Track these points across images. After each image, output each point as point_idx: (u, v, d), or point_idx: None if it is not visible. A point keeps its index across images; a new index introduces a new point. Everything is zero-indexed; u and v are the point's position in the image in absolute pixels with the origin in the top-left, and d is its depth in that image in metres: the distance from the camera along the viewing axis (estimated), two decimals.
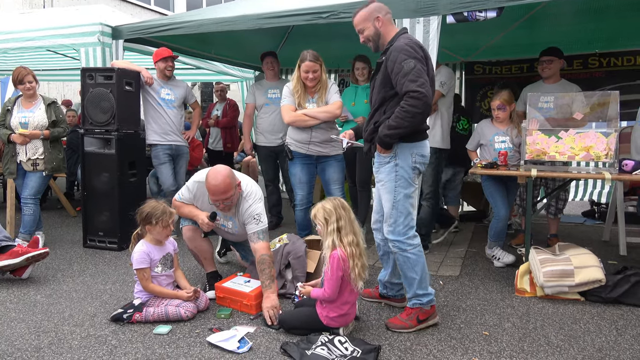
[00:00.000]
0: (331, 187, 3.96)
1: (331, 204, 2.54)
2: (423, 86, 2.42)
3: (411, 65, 2.44)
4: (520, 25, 4.82)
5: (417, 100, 2.42)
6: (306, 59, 3.64)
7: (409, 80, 2.43)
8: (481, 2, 3.21)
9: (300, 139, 3.83)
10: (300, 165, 3.91)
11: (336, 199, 2.60)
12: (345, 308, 2.53)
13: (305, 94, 3.79)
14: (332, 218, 2.49)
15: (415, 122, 2.48)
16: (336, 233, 2.49)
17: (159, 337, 2.54)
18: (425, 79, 2.45)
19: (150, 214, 2.80)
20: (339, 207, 2.53)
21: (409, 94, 2.43)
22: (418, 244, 2.67)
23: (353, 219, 2.57)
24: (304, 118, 3.74)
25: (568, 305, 3.05)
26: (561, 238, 4.22)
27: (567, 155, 3.40)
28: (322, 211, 2.53)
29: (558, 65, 4.05)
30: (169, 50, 4.57)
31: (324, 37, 5.31)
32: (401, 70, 2.46)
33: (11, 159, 4.20)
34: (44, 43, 4.76)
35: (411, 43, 2.53)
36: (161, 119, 4.51)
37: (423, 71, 2.47)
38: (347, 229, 2.51)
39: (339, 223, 2.49)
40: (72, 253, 4.09)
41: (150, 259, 2.81)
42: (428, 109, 2.48)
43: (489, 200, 3.97)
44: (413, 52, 2.48)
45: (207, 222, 3.10)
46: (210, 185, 2.91)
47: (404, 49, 2.49)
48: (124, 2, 11.94)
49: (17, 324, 2.69)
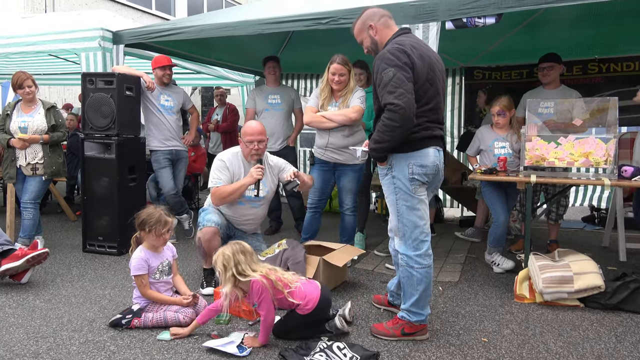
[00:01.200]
0: (343, 195, 3.98)
1: (230, 249, 2.51)
2: (400, 97, 2.30)
3: (390, 75, 2.34)
4: (520, 31, 4.85)
5: (393, 113, 2.32)
6: (335, 61, 3.68)
7: (387, 92, 2.34)
8: (480, 8, 3.22)
9: (319, 144, 3.89)
10: (318, 171, 3.94)
11: (235, 244, 2.55)
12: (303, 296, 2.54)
13: (331, 97, 3.82)
14: (230, 264, 2.47)
15: (395, 135, 2.37)
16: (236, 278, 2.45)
17: (158, 343, 2.54)
18: (405, 88, 2.32)
19: (145, 221, 2.80)
20: (237, 253, 2.50)
21: (387, 106, 2.34)
22: (428, 265, 2.54)
23: (255, 258, 2.57)
24: (320, 119, 3.76)
25: (567, 312, 3.04)
26: (561, 244, 4.22)
27: (567, 161, 3.40)
28: (222, 257, 2.50)
29: (558, 71, 4.07)
30: (168, 58, 4.60)
31: (324, 42, 5.33)
32: (381, 81, 2.38)
33: (11, 163, 4.20)
34: (45, 47, 4.77)
35: (394, 49, 2.40)
36: (161, 125, 4.55)
37: (404, 80, 2.33)
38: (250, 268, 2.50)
39: (238, 268, 2.47)
40: (71, 258, 4.09)
41: (148, 266, 2.81)
42: (407, 122, 2.34)
43: (489, 206, 3.97)
44: (394, 60, 2.36)
45: (258, 166, 3.26)
46: (248, 128, 3.31)
47: (385, 57, 2.39)
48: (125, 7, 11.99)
49: (16, 329, 2.68)
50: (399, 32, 2.58)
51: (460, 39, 4.91)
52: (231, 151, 3.44)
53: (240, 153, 3.42)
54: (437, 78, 2.52)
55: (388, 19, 2.63)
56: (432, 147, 2.52)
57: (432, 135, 2.53)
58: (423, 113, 2.45)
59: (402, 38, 2.50)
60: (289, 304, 2.55)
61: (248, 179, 3.29)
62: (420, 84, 2.42)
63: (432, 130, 2.52)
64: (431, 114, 2.51)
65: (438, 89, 2.54)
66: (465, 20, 3.32)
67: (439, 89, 2.55)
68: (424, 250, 2.54)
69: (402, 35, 2.54)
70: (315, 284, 2.66)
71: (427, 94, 2.47)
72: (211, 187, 3.32)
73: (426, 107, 2.47)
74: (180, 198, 4.72)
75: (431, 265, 2.57)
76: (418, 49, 2.45)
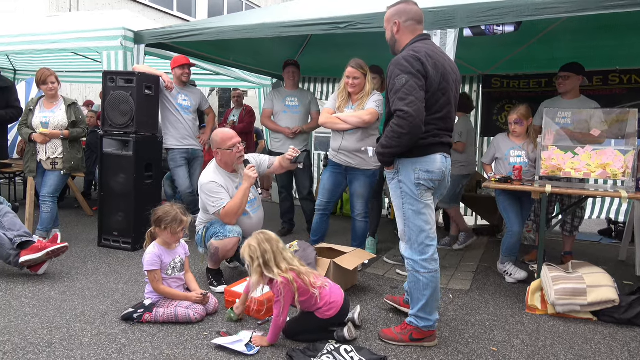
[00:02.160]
0: (354, 200, 3.98)
1: (255, 240, 2.55)
2: (410, 105, 2.31)
3: (402, 81, 2.35)
4: (539, 39, 4.80)
5: (402, 120, 2.33)
6: (349, 65, 3.73)
7: (398, 98, 2.35)
8: (499, 16, 3.20)
9: (333, 146, 3.91)
10: (329, 173, 3.96)
11: (260, 234, 2.59)
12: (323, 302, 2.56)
13: (348, 100, 3.85)
14: (257, 254, 2.51)
15: (403, 142, 2.38)
16: (263, 268, 2.49)
17: (168, 338, 2.57)
18: (416, 96, 2.33)
19: (161, 218, 2.84)
20: (263, 242, 2.54)
21: (396, 113, 2.35)
22: (434, 270, 2.54)
23: (282, 248, 2.58)
24: (335, 121, 3.79)
25: (579, 325, 3.00)
26: (576, 256, 4.15)
27: (583, 172, 3.36)
28: (248, 249, 2.54)
29: (576, 81, 4.02)
30: (186, 58, 4.67)
31: (341, 46, 5.36)
32: (394, 87, 2.39)
33: (31, 157, 4.31)
34: (69, 45, 4.88)
35: (409, 55, 2.40)
36: (178, 124, 4.61)
37: (415, 87, 2.34)
38: (277, 259, 2.52)
39: (265, 258, 2.50)
40: (86, 251, 4.17)
41: (160, 261, 2.85)
42: (415, 129, 2.35)
43: (503, 215, 3.93)
44: (408, 67, 2.36)
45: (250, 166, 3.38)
46: (223, 135, 3.37)
47: (399, 63, 2.40)
48: (147, 8, 12.18)
49: (31, 319, 2.74)
50: (417, 38, 2.57)
51: (479, 47, 4.90)
52: (210, 171, 3.39)
53: (218, 167, 3.42)
54: (449, 88, 2.52)
55: (416, 24, 2.60)
56: (439, 154, 2.53)
57: (440, 142, 2.53)
58: (433, 121, 2.47)
59: (419, 45, 2.50)
60: (312, 305, 2.56)
61: (247, 182, 3.31)
62: (432, 92, 2.43)
63: (440, 137, 2.53)
64: (441, 122, 2.52)
65: (450, 99, 2.54)
66: (484, 27, 3.31)
67: (451, 98, 2.56)
68: (430, 255, 2.54)
69: (419, 42, 2.54)
70: (340, 290, 2.68)
71: (438, 102, 2.48)
72: (217, 210, 3.26)
73: (436, 116, 2.48)
74: (196, 197, 4.75)
75: (438, 270, 2.57)
76: (433, 58, 2.45)
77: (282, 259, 2.54)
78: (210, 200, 3.28)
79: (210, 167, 3.44)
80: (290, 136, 4.82)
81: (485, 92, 6.09)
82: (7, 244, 3.36)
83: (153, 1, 12.43)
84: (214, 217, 3.35)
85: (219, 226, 3.30)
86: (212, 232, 3.32)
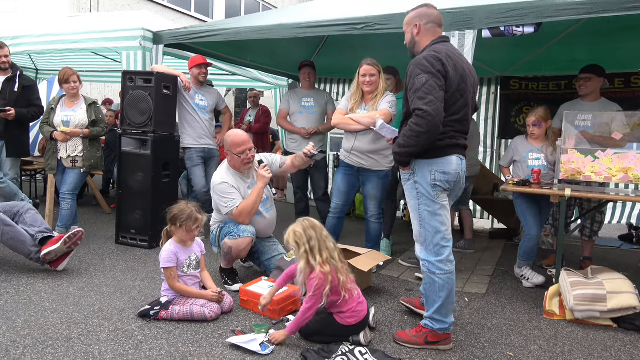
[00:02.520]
0: (367, 201, 3.97)
1: (300, 226, 2.57)
2: (430, 104, 2.32)
3: (422, 80, 2.35)
4: (559, 41, 4.73)
5: (421, 119, 2.33)
6: (365, 63, 3.71)
7: (417, 97, 2.35)
8: (519, 17, 3.17)
9: (346, 147, 3.90)
10: (342, 175, 3.95)
11: (305, 221, 2.61)
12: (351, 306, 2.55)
13: (361, 101, 3.83)
14: (302, 240, 2.53)
15: (421, 141, 2.38)
16: (309, 254, 2.51)
17: (183, 336, 2.60)
18: (435, 96, 2.34)
19: (176, 216, 2.88)
20: (308, 229, 2.56)
21: (415, 112, 2.35)
22: (450, 271, 2.53)
23: (325, 236, 2.59)
24: (347, 121, 3.77)
25: (599, 331, 2.94)
26: (596, 262, 4.08)
27: (604, 176, 3.30)
28: (293, 235, 2.56)
29: (597, 84, 3.95)
30: (203, 58, 4.71)
31: (358, 47, 5.35)
32: (413, 86, 2.39)
33: (52, 155, 4.39)
34: (89, 45, 4.96)
35: (430, 56, 2.41)
36: (195, 123, 4.66)
37: (435, 87, 2.35)
38: (320, 246, 2.53)
39: (310, 244, 2.52)
40: (104, 249, 4.23)
41: (176, 259, 2.88)
42: (434, 129, 2.35)
43: (520, 218, 3.88)
44: (428, 67, 2.37)
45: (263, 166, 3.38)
46: (234, 138, 3.32)
47: (420, 63, 2.41)
48: (165, 9, 12.32)
49: (50, 314, 2.79)
50: (437, 39, 2.58)
51: (497, 48, 4.84)
52: (222, 172, 3.40)
53: (229, 168, 3.43)
54: (468, 90, 2.53)
55: (437, 27, 2.62)
56: (455, 155, 2.53)
57: (456, 144, 2.54)
58: (450, 123, 2.46)
59: (440, 46, 2.51)
60: (337, 306, 2.55)
61: (261, 182, 3.33)
62: (451, 93, 2.44)
63: (456, 139, 2.53)
64: (458, 124, 2.52)
65: (467, 101, 2.55)
66: (503, 28, 3.27)
67: (469, 100, 2.56)
68: (446, 256, 2.53)
69: (440, 44, 2.55)
70: (365, 303, 2.67)
71: (456, 104, 2.48)
72: (230, 210, 3.28)
73: (454, 117, 2.48)
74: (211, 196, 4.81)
75: (453, 272, 2.55)
76: (453, 59, 2.47)
77: (325, 248, 2.55)
78: (222, 201, 3.30)
79: (222, 167, 3.46)
80: (306, 137, 4.83)
81: (503, 94, 6.02)
82: (29, 241, 3.42)
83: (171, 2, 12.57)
84: (228, 217, 3.37)
85: (233, 226, 3.32)
86: (225, 231, 3.34)
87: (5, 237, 3.39)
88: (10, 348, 2.37)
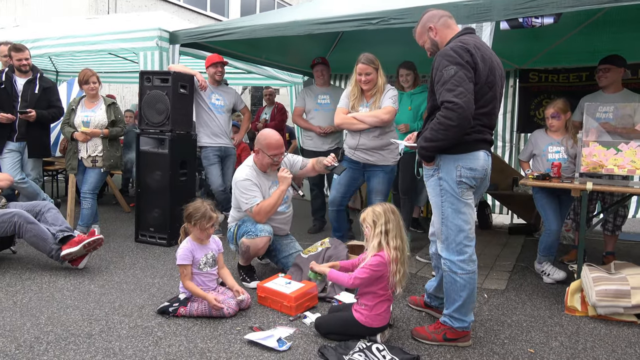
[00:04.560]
0: (373, 197, 3.94)
1: (381, 207, 2.53)
2: (460, 96, 2.23)
3: (451, 72, 2.28)
4: (580, 31, 4.63)
5: (451, 111, 2.25)
6: (360, 61, 3.68)
7: (446, 89, 2.27)
8: (538, 7, 3.10)
9: (350, 144, 3.87)
10: (346, 169, 3.92)
11: (387, 204, 2.57)
12: (381, 310, 2.51)
13: (361, 98, 3.80)
14: (381, 220, 2.47)
15: (450, 135, 2.30)
16: (383, 235, 2.46)
17: (202, 332, 2.62)
18: (465, 87, 2.26)
19: (191, 214, 2.89)
20: (388, 211, 2.51)
21: (444, 104, 2.27)
22: (472, 271, 2.47)
23: (402, 225, 2.54)
24: (351, 121, 3.75)
25: (622, 328, 2.87)
26: (619, 257, 3.98)
27: (627, 169, 3.22)
28: (372, 213, 2.52)
29: (617, 74, 3.85)
30: (220, 56, 4.73)
31: (373, 43, 5.30)
32: (441, 78, 2.32)
33: (73, 155, 4.47)
34: (107, 47, 5.04)
35: (458, 47, 2.34)
36: (212, 122, 4.69)
37: (465, 79, 2.27)
38: (394, 232, 2.48)
39: (387, 226, 2.47)
40: (124, 247, 4.29)
41: (192, 257, 2.90)
42: (465, 122, 2.27)
43: (540, 213, 3.81)
44: (456, 58, 2.30)
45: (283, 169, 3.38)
46: (270, 141, 3.30)
47: (447, 54, 2.33)
48: (181, 9, 12.42)
49: (72, 311, 2.85)
50: (463, 31, 2.52)
51: (516, 40, 4.76)
52: (246, 167, 3.40)
53: (254, 165, 3.42)
54: (496, 82, 2.45)
55: (448, 19, 2.57)
56: (483, 151, 2.45)
57: (484, 139, 2.46)
58: (478, 116, 2.38)
59: (466, 37, 2.44)
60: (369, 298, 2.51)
61: (284, 184, 3.33)
62: (480, 85, 2.36)
63: (483, 134, 2.45)
64: (485, 118, 2.44)
65: (496, 94, 2.46)
66: (522, 20, 3.21)
67: (497, 93, 2.47)
68: (468, 256, 2.47)
69: (466, 35, 2.48)
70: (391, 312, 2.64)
71: (484, 97, 2.40)
72: (250, 207, 3.28)
73: (482, 110, 2.40)
74: (228, 194, 4.84)
75: (475, 271, 2.50)
76: (481, 50, 2.39)
77: (400, 236, 2.50)
78: (243, 197, 3.31)
79: (247, 164, 3.45)
80: (322, 134, 4.82)
81: (522, 87, 5.91)
82: (50, 239, 3.50)
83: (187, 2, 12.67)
84: (246, 215, 3.38)
85: (251, 224, 3.33)
86: (243, 230, 3.35)
87: (28, 235, 3.47)
88: (34, 344, 2.42)
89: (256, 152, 3.40)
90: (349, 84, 3.87)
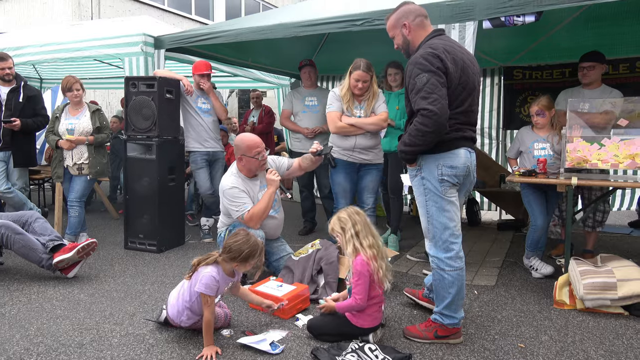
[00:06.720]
0: (364, 195, 3.96)
1: (345, 212, 2.58)
2: (434, 103, 2.29)
3: (423, 80, 2.32)
4: (563, 28, 4.70)
5: (427, 118, 2.30)
6: (359, 68, 3.70)
7: (420, 97, 2.32)
8: (519, 6, 3.14)
9: (346, 145, 3.89)
10: (344, 174, 3.95)
11: (349, 208, 2.62)
12: (372, 310, 2.53)
13: (353, 99, 3.84)
14: (348, 225, 2.52)
15: (427, 139, 2.35)
16: (355, 238, 2.51)
17: (194, 338, 2.61)
18: (438, 94, 2.31)
19: (251, 254, 2.51)
20: (353, 214, 2.56)
21: (420, 112, 2.32)
22: (459, 267, 2.49)
23: (369, 222, 2.59)
24: (350, 129, 3.80)
25: (610, 320, 2.92)
26: (605, 249, 4.05)
27: (611, 163, 3.27)
28: (338, 221, 2.56)
29: (600, 71, 3.90)
30: (207, 66, 4.69)
31: (359, 44, 5.33)
32: (414, 87, 2.36)
33: (59, 163, 4.43)
34: (91, 53, 4.99)
35: (427, 53, 2.37)
36: (199, 126, 4.67)
37: (437, 85, 2.32)
38: (364, 232, 2.52)
39: (356, 228, 2.52)
40: (113, 254, 4.26)
41: (217, 290, 2.54)
42: (440, 127, 2.32)
43: (527, 209, 3.86)
44: (427, 65, 2.34)
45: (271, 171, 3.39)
46: (248, 142, 3.35)
47: (418, 62, 2.37)
48: (166, 13, 12.36)
49: (62, 321, 2.82)
50: (432, 34, 2.54)
51: (499, 38, 4.81)
52: (231, 176, 3.39)
53: (239, 172, 3.43)
54: (469, 81, 2.49)
55: (424, 19, 2.58)
56: (463, 148, 2.49)
57: (463, 136, 2.50)
58: (454, 116, 2.43)
59: (435, 41, 2.47)
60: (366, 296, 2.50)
61: (272, 187, 3.34)
62: (453, 87, 2.41)
63: (463, 131, 2.49)
64: (462, 116, 2.48)
65: (471, 92, 2.51)
66: (504, 19, 3.25)
67: (473, 91, 2.52)
68: (455, 252, 2.50)
69: (435, 38, 2.50)
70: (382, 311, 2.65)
71: (459, 97, 2.45)
72: (241, 214, 3.27)
73: (458, 110, 2.45)
74: (217, 198, 4.82)
75: (463, 268, 2.53)
76: (451, 53, 2.42)
77: (370, 234, 2.53)
78: (233, 205, 3.30)
79: (231, 172, 3.45)
80: (310, 136, 4.84)
81: (506, 84, 5.98)
82: (40, 249, 3.46)
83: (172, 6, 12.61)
84: (236, 220, 3.37)
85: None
86: None
87: (17, 246, 3.43)
88: (24, 356, 2.39)
89: (239, 159, 3.40)
90: (337, 86, 3.89)
